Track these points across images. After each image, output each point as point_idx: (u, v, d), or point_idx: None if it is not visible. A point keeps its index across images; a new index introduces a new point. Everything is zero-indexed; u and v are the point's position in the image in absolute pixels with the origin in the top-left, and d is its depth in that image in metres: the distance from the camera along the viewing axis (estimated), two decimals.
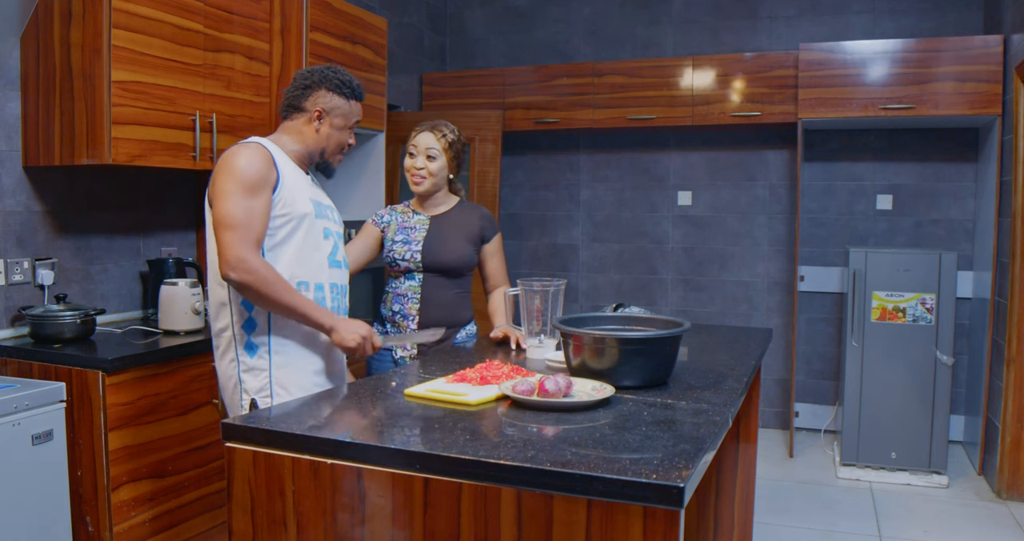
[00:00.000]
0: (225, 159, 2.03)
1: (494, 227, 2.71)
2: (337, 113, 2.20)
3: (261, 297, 1.98)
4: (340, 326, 2.09)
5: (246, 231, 1.96)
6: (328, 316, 2.09)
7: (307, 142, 2.19)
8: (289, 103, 2.20)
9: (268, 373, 2.08)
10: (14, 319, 2.75)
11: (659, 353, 1.85)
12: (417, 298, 2.60)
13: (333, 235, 2.23)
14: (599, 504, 1.25)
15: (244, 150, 2.03)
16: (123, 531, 2.48)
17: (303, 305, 2.03)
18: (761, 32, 4.85)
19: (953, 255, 3.88)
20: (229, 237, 1.95)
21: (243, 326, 2.08)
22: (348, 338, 2.08)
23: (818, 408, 4.83)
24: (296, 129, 2.19)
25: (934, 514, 3.55)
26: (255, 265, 1.95)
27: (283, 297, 1.99)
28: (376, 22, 3.82)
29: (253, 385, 2.09)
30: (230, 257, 1.94)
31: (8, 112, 2.72)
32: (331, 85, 2.19)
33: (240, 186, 1.98)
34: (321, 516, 1.46)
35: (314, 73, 2.20)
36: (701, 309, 5.03)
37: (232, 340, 2.09)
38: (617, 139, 5.15)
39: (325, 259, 2.18)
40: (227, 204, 1.97)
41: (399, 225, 2.66)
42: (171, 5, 2.77)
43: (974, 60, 3.95)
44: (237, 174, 1.99)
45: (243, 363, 2.09)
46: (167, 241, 3.38)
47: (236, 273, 1.94)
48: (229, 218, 1.96)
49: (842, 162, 4.74)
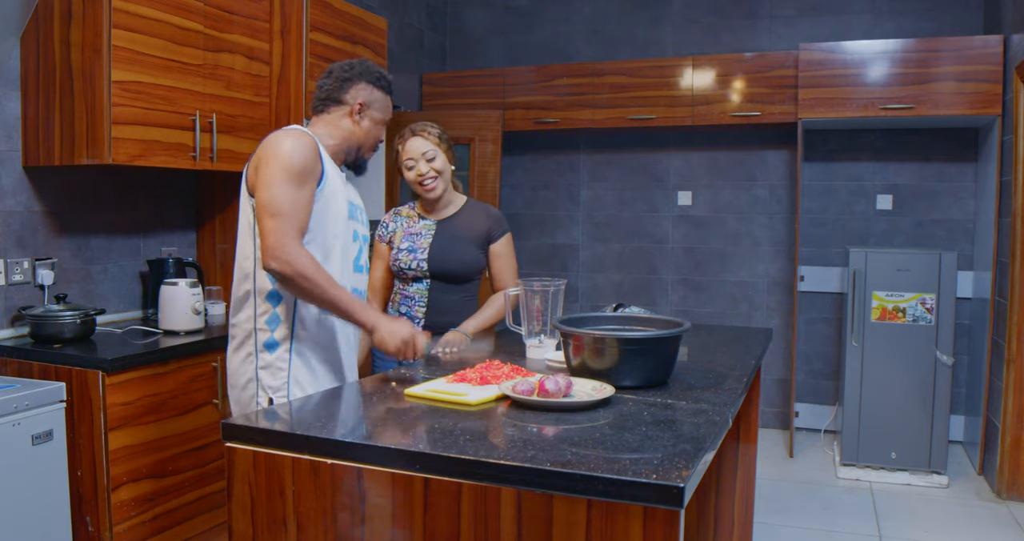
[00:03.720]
0: (272, 145, 1.95)
1: (502, 227, 2.64)
2: (377, 107, 2.15)
3: (302, 290, 1.91)
4: (382, 326, 2.01)
5: (290, 220, 1.89)
6: (371, 314, 2.01)
7: (346, 136, 2.12)
8: (327, 96, 2.11)
9: (287, 372, 2.03)
10: (14, 319, 2.75)
11: (659, 353, 1.85)
12: (424, 302, 2.57)
13: (360, 238, 2.18)
14: (599, 504, 1.25)
15: (291, 137, 1.95)
16: (123, 531, 2.48)
17: (346, 300, 1.95)
18: (761, 32, 4.85)
19: (953, 255, 3.88)
20: (274, 225, 1.87)
21: (267, 321, 2.03)
22: (389, 340, 2.00)
23: (818, 408, 4.83)
24: (334, 123, 2.11)
25: (934, 514, 3.55)
26: (299, 255, 1.88)
27: (327, 291, 1.91)
28: (376, 22, 3.82)
29: (271, 383, 2.03)
30: (274, 245, 1.86)
31: (8, 112, 2.73)
32: (371, 78, 2.12)
33: (287, 173, 1.90)
34: (321, 516, 1.46)
35: (353, 66, 2.12)
36: (701, 309, 5.03)
37: (252, 335, 2.04)
38: (617, 139, 5.15)
39: (351, 262, 2.12)
40: (273, 190, 1.89)
41: (404, 231, 2.60)
42: (171, 5, 2.78)
43: (974, 60, 3.95)
44: (285, 161, 1.91)
45: (262, 359, 2.04)
46: (167, 241, 3.38)
47: (278, 263, 1.87)
48: (275, 205, 1.88)
49: (842, 162, 4.74)
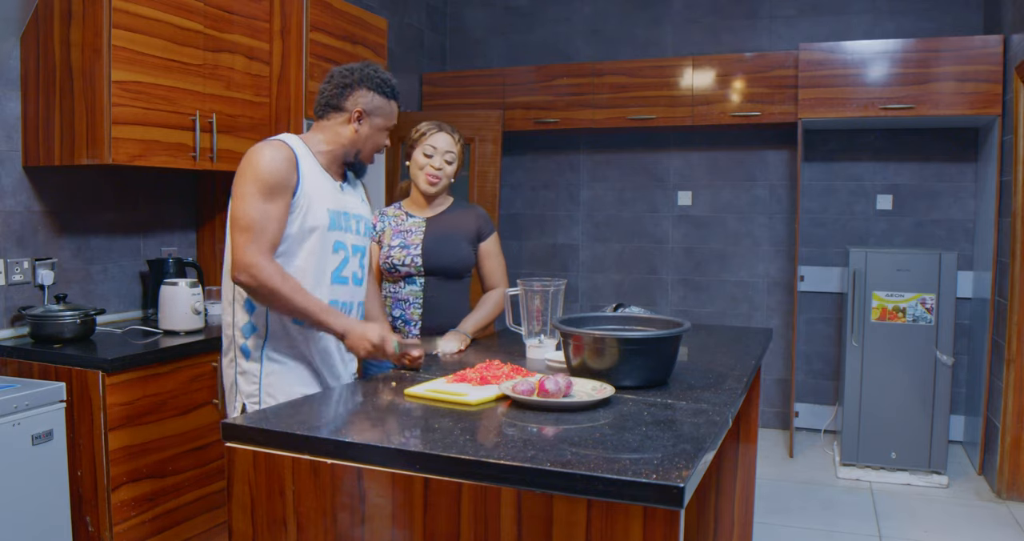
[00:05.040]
0: (247, 157, 1.96)
1: (490, 226, 2.64)
2: (378, 113, 2.11)
3: (272, 301, 1.94)
4: (352, 332, 2.01)
5: (260, 234, 1.91)
6: (341, 320, 2.01)
7: (343, 143, 2.10)
8: (327, 102, 2.09)
9: (259, 379, 2.05)
10: (14, 319, 2.75)
11: (659, 353, 1.85)
12: (419, 303, 2.53)
13: (346, 249, 2.12)
14: (599, 504, 1.25)
15: (267, 150, 1.96)
16: (123, 531, 2.48)
17: (315, 309, 1.97)
18: (761, 32, 4.85)
19: (953, 255, 3.88)
20: (242, 240, 1.91)
21: (242, 328, 2.06)
22: (359, 345, 2.00)
23: (818, 408, 4.83)
24: (332, 129, 2.09)
25: (934, 514, 3.55)
26: (266, 269, 1.90)
27: (294, 301, 1.94)
28: (376, 22, 3.82)
29: (245, 389, 2.06)
30: (241, 260, 1.90)
31: (8, 112, 2.73)
32: (372, 84, 2.08)
33: (258, 187, 1.92)
34: (321, 516, 1.46)
35: (354, 71, 2.09)
36: (701, 309, 5.03)
37: (232, 340, 2.08)
38: (617, 139, 5.15)
39: (328, 274, 2.09)
40: (243, 205, 1.92)
41: (394, 230, 2.57)
42: (171, 5, 2.78)
43: (974, 60, 3.95)
44: (256, 174, 1.92)
45: (239, 365, 2.07)
46: (167, 241, 3.38)
47: (245, 277, 1.91)
48: (244, 220, 1.91)
49: (842, 162, 4.74)
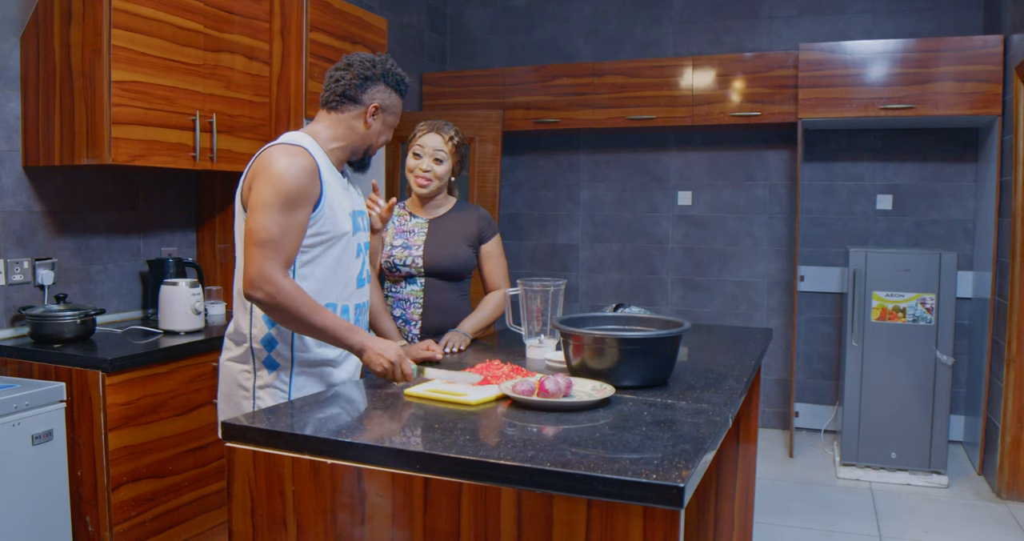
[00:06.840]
0: (267, 164, 1.86)
1: (492, 228, 2.65)
2: (391, 110, 2.06)
3: (285, 318, 1.86)
4: (370, 349, 1.92)
5: (276, 250, 1.83)
6: (358, 337, 1.92)
7: (354, 138, 2.02)
8: (343, 93, 1.98)
9: (287, 394, 1.97)
10: (14, 319, 2.75)
11: (659, 353, 1.85)
12: (420, 303, 2.54)
13: (364, 251, 2.10)
14: (599, 504, 1.25)
15: (287, 158, 1.86)
16: (123, 531, 2.48)
17: (332, 326, 1.89)
18: (761, 32, 4.85)
19: (953, 255, 3.88)
20: (257, 254, 1.82)
21: (262, 341, 1.97)
22: (376, 361, 1.90)
23: (818, 408, 4.83)
24: (344, 122, 2.00)
25: (934, 514, 3.55)
26: (280, 286, 1.82)
27: (309, 318, 1.85)
28: (376, 22, 3.82)
29: (270, 402, 1.96)
30: (254, 276, 1.82)
31: (8, 112, 2.73)
32: (391, 80, 2.02)
33: (279, 199, 1.82)
34: (321, 516, 1.46)
35: (375, 64, 2.00)
36: (701, 309, 5.03)
37: (248, 352, 1.98)
38: (617, 139, 5.15)
39: (354, 280, 2.05)
40: (262, 217, 1.82)
41: (397, 229, 2.59)
42: (171, 5, 2.78)
43: (974, 60, 3.95)
44: (277, 186, 1.82)
45: (259, 377, 1.97)
46: (167, 241, 3.38)
47: (260, 294, 1.82)
48: (262, 233, 1.82)
49: (842, 162, 4.74)
